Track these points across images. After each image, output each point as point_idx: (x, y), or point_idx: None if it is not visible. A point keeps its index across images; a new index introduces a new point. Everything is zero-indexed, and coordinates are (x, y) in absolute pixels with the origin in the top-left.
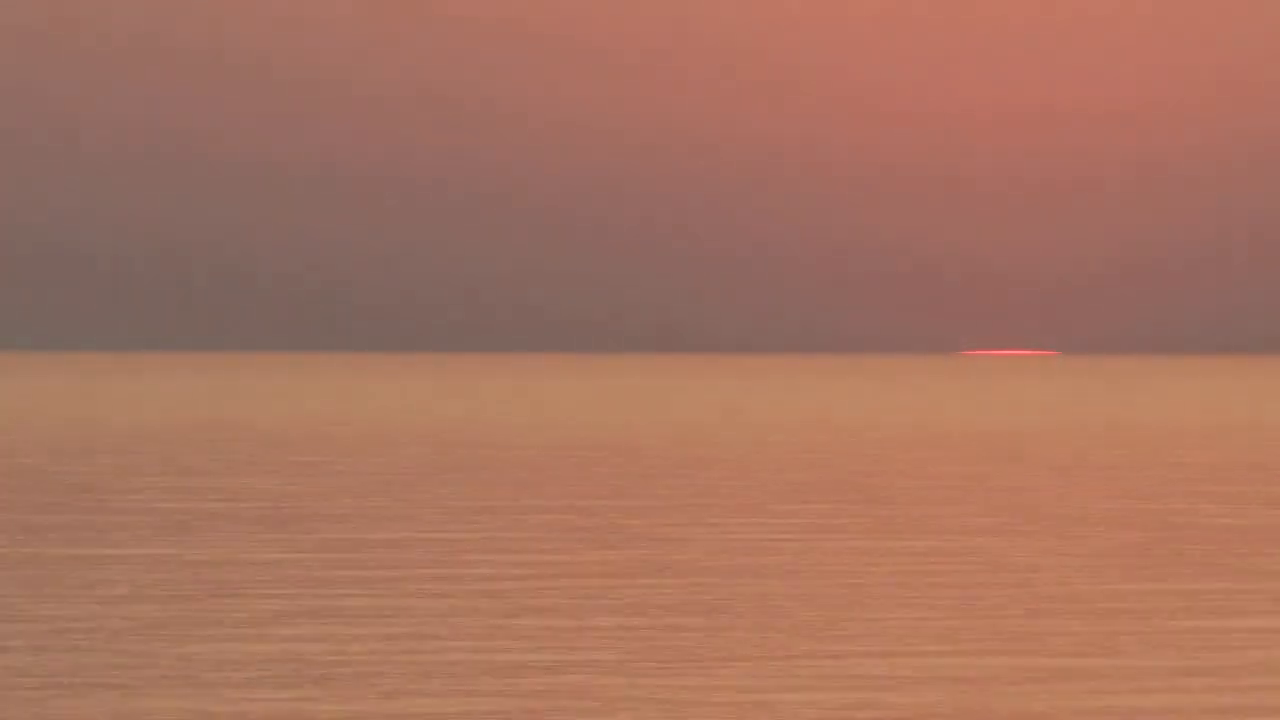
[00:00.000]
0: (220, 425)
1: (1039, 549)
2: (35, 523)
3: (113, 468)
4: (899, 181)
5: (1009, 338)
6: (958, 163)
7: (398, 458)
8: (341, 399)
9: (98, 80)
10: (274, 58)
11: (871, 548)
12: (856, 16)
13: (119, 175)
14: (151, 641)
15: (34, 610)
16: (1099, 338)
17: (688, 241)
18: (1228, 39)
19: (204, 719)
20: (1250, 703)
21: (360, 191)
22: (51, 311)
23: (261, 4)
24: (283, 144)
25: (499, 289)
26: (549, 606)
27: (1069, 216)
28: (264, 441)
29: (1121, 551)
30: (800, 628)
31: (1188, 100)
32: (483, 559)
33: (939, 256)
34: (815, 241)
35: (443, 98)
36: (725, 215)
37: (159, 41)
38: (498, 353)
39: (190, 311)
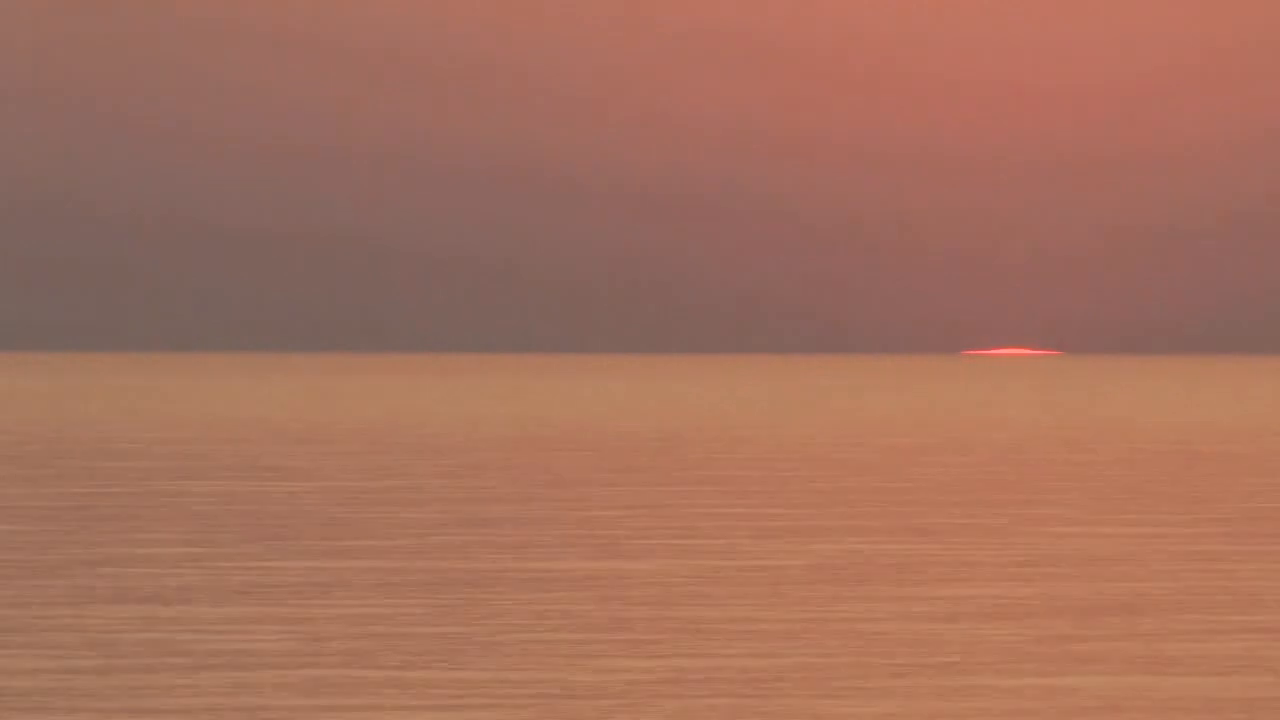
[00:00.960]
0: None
1: None
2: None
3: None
4: (899, 182)
5: (1009, 338)
6: (959, 163)
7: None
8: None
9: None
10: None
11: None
12: (858, 17)
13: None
14: None
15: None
16: (1101, 338)
17: (685, 241)
18: (1234, 36)
19: None
20: None
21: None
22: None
23: None
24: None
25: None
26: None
27: (1072, 215)
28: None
29: None
30: None
31: (1191, 99)
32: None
33: (939, 256)
34: (815, 241)
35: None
36: (724, 215)
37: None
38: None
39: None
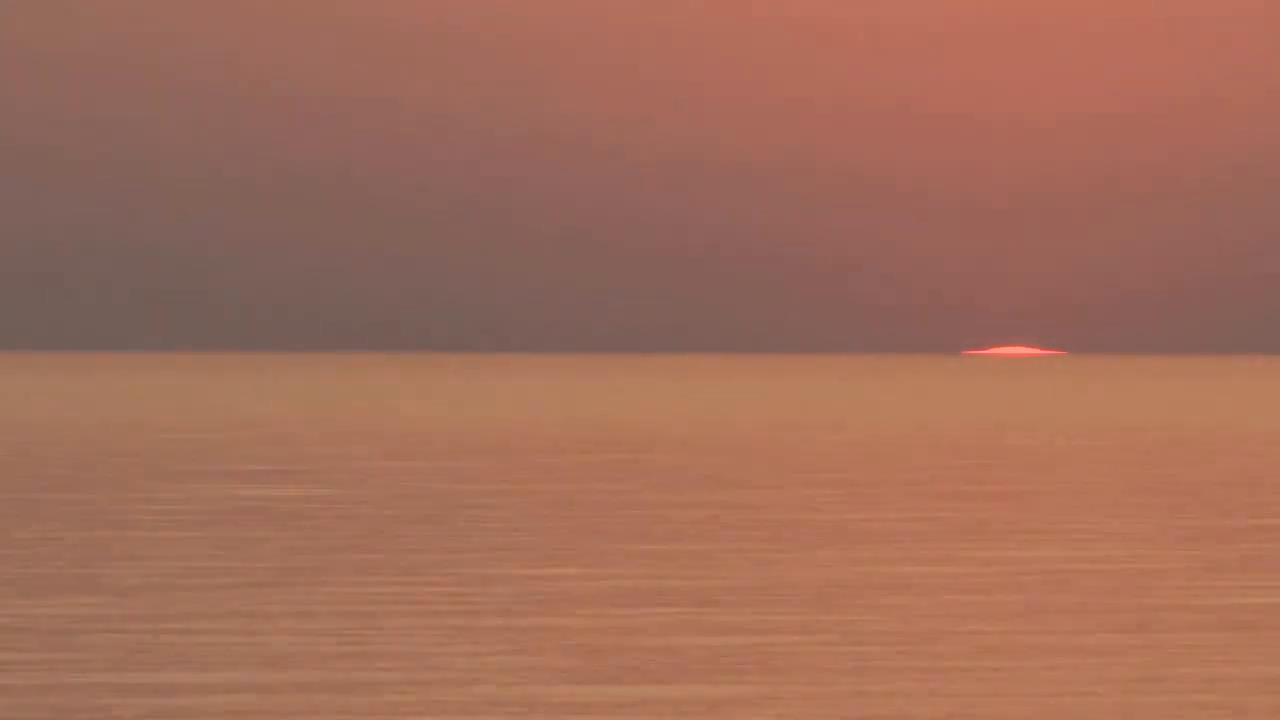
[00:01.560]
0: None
1: None
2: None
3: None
4: (900, 181)
5: (1009, 337)
6: (959, 162)
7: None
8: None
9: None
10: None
11: None
12: (860, 22)
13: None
14: None
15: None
16: (1102, 338)
17: (686, 243)
18: (1232, 41)
19: None
20: None
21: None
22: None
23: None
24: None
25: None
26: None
27: (1073, 214)
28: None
29: None
30: None
31: (1191, 98)
32: None
33: (939, 256)
34: (815, 241)
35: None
36: (725, 215)
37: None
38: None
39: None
